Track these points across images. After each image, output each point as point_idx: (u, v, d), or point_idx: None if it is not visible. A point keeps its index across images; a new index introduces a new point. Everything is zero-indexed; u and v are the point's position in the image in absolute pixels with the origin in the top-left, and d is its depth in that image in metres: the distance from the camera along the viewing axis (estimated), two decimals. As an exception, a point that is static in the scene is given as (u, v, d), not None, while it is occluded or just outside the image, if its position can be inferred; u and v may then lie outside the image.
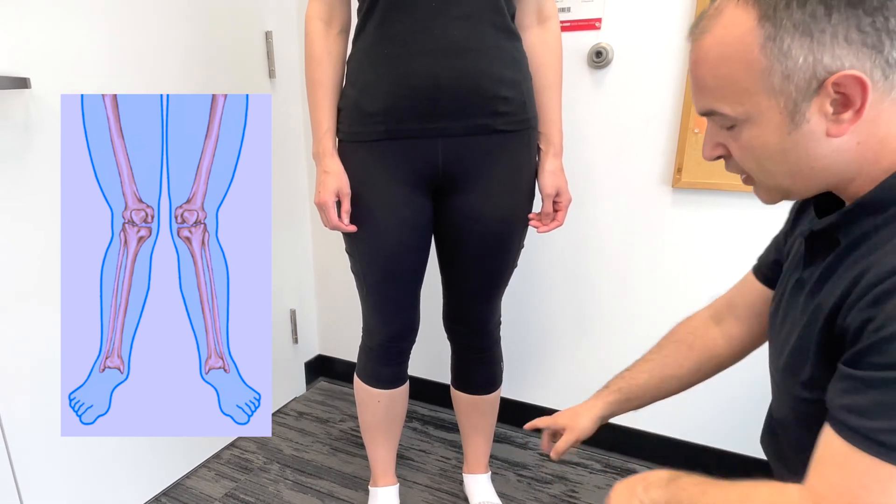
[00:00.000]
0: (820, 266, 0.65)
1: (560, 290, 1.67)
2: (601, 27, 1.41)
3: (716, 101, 0.62)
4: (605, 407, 0.95)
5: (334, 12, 1.13)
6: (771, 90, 0.57)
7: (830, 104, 0.56)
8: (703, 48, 0.61)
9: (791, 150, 0.59)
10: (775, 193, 0.66)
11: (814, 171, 0.60)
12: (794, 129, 0.58)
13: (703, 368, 0.93)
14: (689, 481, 0.66)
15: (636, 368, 0.96)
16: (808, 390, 0.64)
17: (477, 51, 1.05)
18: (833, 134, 0.57)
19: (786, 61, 0.55)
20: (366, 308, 1.30)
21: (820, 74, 0.55)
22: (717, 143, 0.66)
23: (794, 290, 0.71)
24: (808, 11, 0.53)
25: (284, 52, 1.76)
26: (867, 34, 0.53)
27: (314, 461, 1.71)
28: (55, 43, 1.15)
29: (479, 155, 1.12)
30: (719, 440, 1.58)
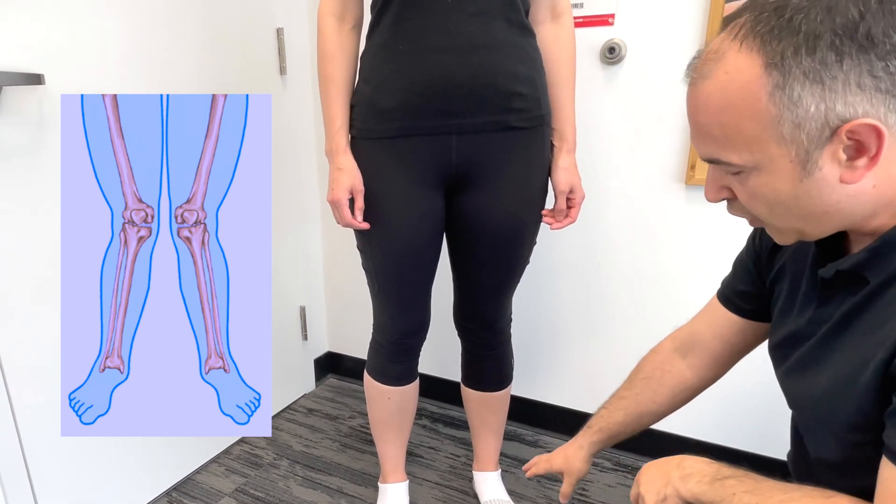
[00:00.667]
0: (844, 304, 0.63)
1: (571, 287, 1.67)
2: (614, 23, 1.40)
3: (721, 149, 0.59)
4: (592, 447, 0.99)
5: (347, 8, 1.13)
6: (781, 139, 0.55)
7: (844, 151, 0.54)
8: (704, 94, 0.58)
9: (803, 197, 0.57)
10: (791, 234, 0.64)
11: (828, 215, 0.58)
12: (805, 177, 0.56)
13: (675, 400, 0.95)
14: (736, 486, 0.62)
15: (612, 406, 0.98)
16: (861, 433, 0.61)
17: (492, 47, 1.05)
18: (847, 181, 0.55)
19: (796, 110, 0.53)
20: (377, 305, 1.29)
21: (833, 122, 0.52)
22: (722, 186, 0.64)
23: (808, 329, 0.69)
24: (818, 58, 0.51)
25: (296, 49, 1.76)
26: (880, 79, 0.51)
27: (324, 457, 1.71)
28: (69, 40, 1.15)
29: (493, 151, 1.11)
30: (732, 440, 1.57)
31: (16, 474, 1.17)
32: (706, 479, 0.65)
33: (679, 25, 1.35)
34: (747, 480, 0.62)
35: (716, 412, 1.55)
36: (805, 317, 0.70)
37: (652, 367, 0.97)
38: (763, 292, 0.83)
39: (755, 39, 0.53)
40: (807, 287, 0.70)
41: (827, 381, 0.64)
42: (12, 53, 1.07)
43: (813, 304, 0.68)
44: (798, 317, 0.71)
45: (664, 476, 0.69)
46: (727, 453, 1.56)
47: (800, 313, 0.71)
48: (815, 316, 0.68)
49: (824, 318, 0.66)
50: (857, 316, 0.61)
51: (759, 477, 0.62)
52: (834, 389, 0.63)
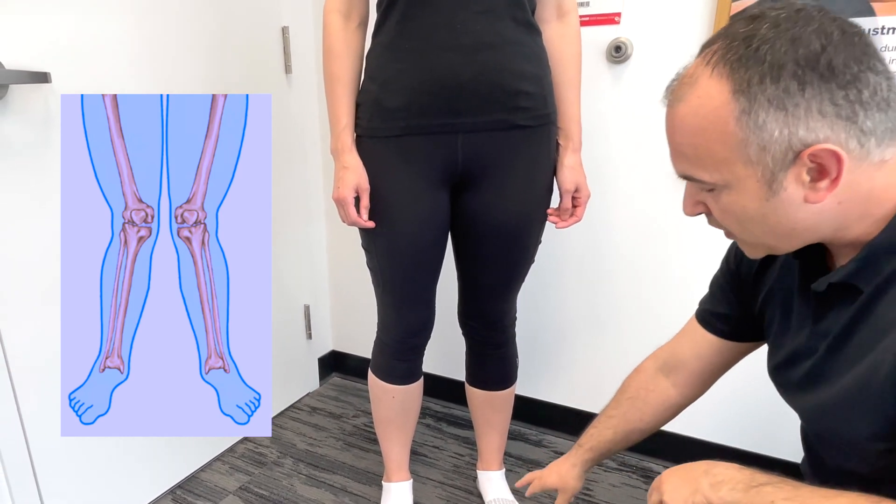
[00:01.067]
0: (841, 315, 0.64)
1: (577, 286, 1.66)
2: (620, 21, 1.40)
3: (693, 168, 0.62)
4: (585, 465, 1.01)
5: (353, 6, 1.13)
6: (748, 160, 0.58)
7: (807, 173, 0.56)
8: (679, 116, 0.61)
9: (771, 215, 0.60)
10: (760, 249, 0.67)
11: (796, 232, 0.61)
12: (772, 196, 0.59)
13: (661, 418, 0.98)
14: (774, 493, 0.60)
15: (601, 425, 1.01)
16: (885, 441, 0.61)
17: (498, 46, 1.04)
18: (811, 200, 0.58)
19: (761, 134, 0.56)
20: (381, 303, 1.29)
21: (795, 146, 0.55)
22: (697, 201, 0.67)
23: (808, 346, 0.70)
24: (781, 87, 0.54)
25: (301, 48, 1.76)
26: (840, 106, 0.54)
27: (328, 456, 1.71)
28: (75, 38, 1.16)
29: (499, 150, 1.11)
30: (738, 440, 1.56)
31: (22, 472, 1.18)
32: (740, 486, 0.62)
33: (686, 24, 1.34)
34: (785, 487, 0.60)
35: (720, 412, 1.55)
36: (803, 334, 0.71)
37: (637, 386, 0.99)
38: (743, 314, 0.85)
39: (725, 66, 0.57)
40: (800, 305, 0.72)
41: (838, 394, 0.64)
42: (19, 52, 1.07)
43: (809, 320, 0.70)
44: (796, 335, 0.73)
45: (691, 483, 0.66)
46: (731, 453, 1.56)
47: (797, 332, 0.72)
48: (813, 332, 0.69)
49: (824, 333, 0.67)
50: (856, 325, 0.62)
51: (797, 483, 0.61)
52: (846, 401, 0.63)
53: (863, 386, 0.60)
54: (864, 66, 0.54)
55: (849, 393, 0.63)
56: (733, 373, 0.96)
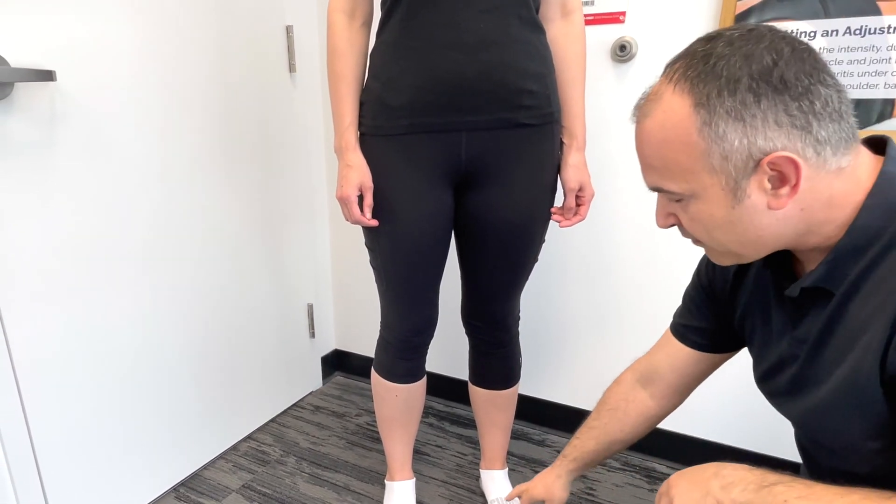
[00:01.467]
0: (817, 319, 0.66)
1: (580, 285, 1.66)
2: (625, 20, 1.39)
3: (662, 179, 0.65)
4: (570, 475, 1.04)
5: (357, 4, 1.13)
6: (711, 169, 0.61)
7: (768, 181, 0.59)
8: (646, 131, 0.65)
9: (737, 223, 0.63)
10: (728, 257, 0.69)
11: (762, 239, 0.64)
12: (736, 204, 0.61)
13: (640, 429, 1.00)
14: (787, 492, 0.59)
15: (584, 436, 1.03)
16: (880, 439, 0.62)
17: (503, 44, 1.04)
18: (774, 207, 0.60)
19: (722, 143, 0.59)
20: (385, 302, 1.29)
21: (755, 155, 0.58)
22: (668, 213, 0.70)
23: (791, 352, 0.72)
24: (738, 99, 0.57)
25: (305, 47, 1.76)
26: (795, 117, 0.57)
27: (330, 454, 1.71)
28: (80, 37, 1.16)
29: (503, 148, 1.11)
30: (740, 440, 1.56)
31: (26, 469, 1.18)
32: (751, 486, 0.62)
33: (690, 23, 1.34)
34: (797, 485, 0.59)
35: (724, 412, 1.55)
36: (784, 341, 0.73)
37: (617, 398, 1.02)
38: (719, 327, 0.88)
39: (686, 82, 0.60)
40: (777, 314, 0.74)
41: (825, 397, 0.66)
42: (25, 50, 1.07)
43: (788, 327, 0.72)
44: (778, 344, 0.74)
45: (701, 486, 0.65)
46: (735, 453, 1.56)
47: (779, 340, 0.74)
48: (793, 338, 0.71)
49: (803, 338, 0.69)
50: (833, 328, 0.64)
51: (808, 481, 0.60)
52: (834, 403, 0.65)
53: (848, 386, 0.62)
54: (814, 79, 0.57)
55: (836, 395, 0.64)
56: (737, 373, 0.95)
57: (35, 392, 1.18)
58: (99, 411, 1.31)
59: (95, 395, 1.30)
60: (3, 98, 1.06)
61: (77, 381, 1.25)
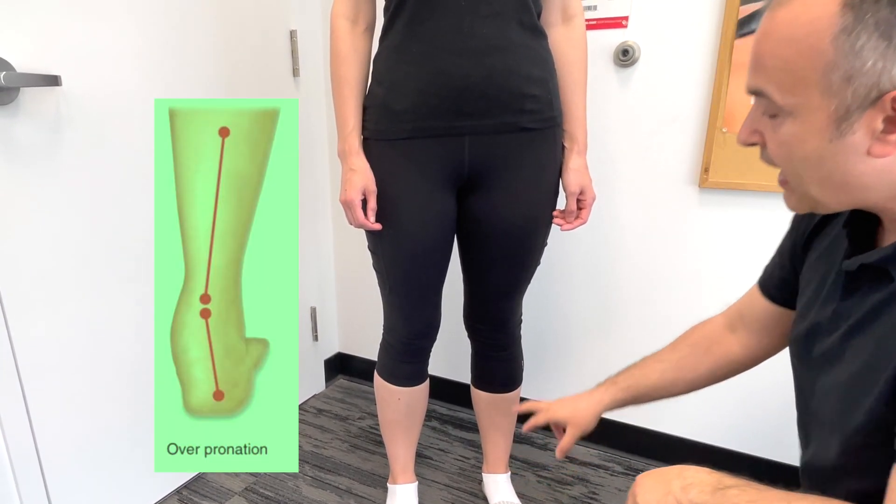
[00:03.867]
0: (865, 301, 0.61)
1: (582, 289, 1.66)
2: (628, 25, 1.40)
3: (767, 82, 0.57)
4: (612, 403, 0.96)
5: (360, 10, 1.14)
6: (827, 89, 0.53)
7: (882, 121, 0.52)
8: (775, 21, 0.56)
9: (828, 159, 0.56)
10: (804, 201, 0.63)
11: (847, 186, 0.57)
12: (836, 138, 0.54)
13: (717, 373, 0.93)
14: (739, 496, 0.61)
15: (648, 368, 0.96)
16: (865, 436, 0.60)
17: (505, 49, 1.05)
18: (875, 154, 0.53)
19: (853, 60, 0.51)
20: (387, 305, 1.30)
21: (883, 85, 0.51)
22: (755, 129, 0.62)
23: (831, 323, 0.67)
24: (894, 12, 0.49)
25: (309, 51, 1.77)
26: None
27: (333, 458, 1.71)
28: (85, 42, 1.17)
29: (505, 152, 1.11)
30: (745, 444, 1.56)
31: (30, 472, 1.19)
32: (708, 489, 0.63)
33: (693, 28, 1.34)
34: (750, 490, 0.61)
35: (730, 416, 1.54)
36: (828, 310, 0.68)
37: (702, 334, 0.95)
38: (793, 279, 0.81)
39: None
40: (833, 279, 0.68)
41: (844, 380, 0.63)
42: (31, 55, 1.08)
43: (837, 296, 0.66)
44: (821, 309, 0.70)
45: (664, 486, 0.67)
46: (738, 458, 1.55)
47: (823, 306, 0.70)
48: (837, 309, 0.66)
49: (847, 313, 0.64)
50: (879, 314, 0.59)
51: (763, 486, 0.61)
52: (848, 390, 0.62)
53: (865, 380, 0.59)
54: None
55: (851, 383, 0.62)
56: (742, 380, 0.95)
57: (39, 395, 1.18)
58: (102, 414, 1.32)
59: (99, 397, 1.30)
60: (10, 102, 1.07)
61: (81, 383, 1.26)
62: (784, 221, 1.35)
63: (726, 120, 1.33)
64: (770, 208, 1.35)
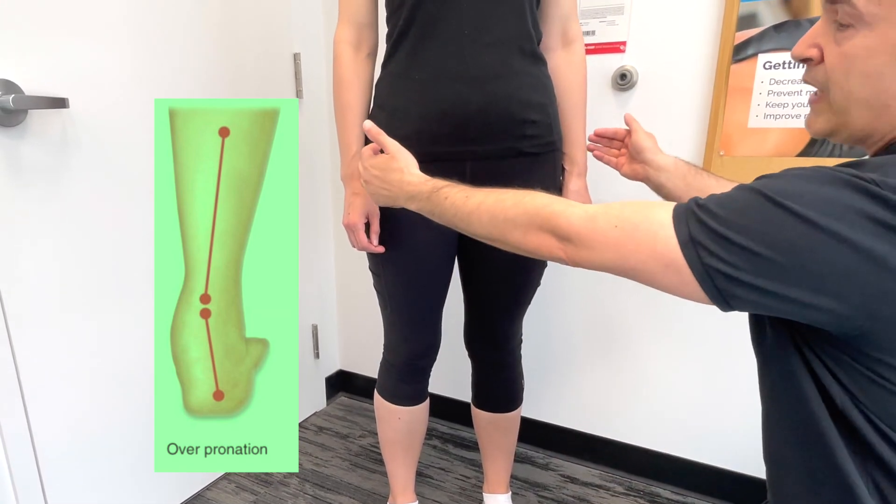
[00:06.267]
0: None
1: (582, 309, 1.67)
2: (626, 50, 1.42)
3: None
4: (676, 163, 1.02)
5: (363, 36, 1.16)
6: None
7: None
8: None
9: (887, 77, 0.57)
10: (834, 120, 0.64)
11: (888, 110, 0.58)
12: None
13: None
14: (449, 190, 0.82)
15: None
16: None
17: (506, 76, 1.07)
18: None
19: None
20: (388, 325, 1.31)
21: None
22: (815, 43, 0.63)
23: None
24: None
25: (312, 74, 1.80)
26: None
27: (333, 476, 1.71)
28: (91, 64, 1.19)
29: (506, 176, 1.12)
30: (743, 465, 1.55)
31: (31, 489, 1.19)
32: (424, 195, 0.84)
33: (689, 54, 1.37)
34: (461, 187, 0.82)
35: (728, 438, 1.54)
36: None
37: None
38: None
39: None
40: None
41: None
42: (39, 78, 1.10)
43: None
44: None
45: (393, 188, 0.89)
46: (738, 479, 1.55)
47: None
48: None
49: None
50: None
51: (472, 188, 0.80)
52: None
53: None
54: None
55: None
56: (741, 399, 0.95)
57: (40, 410, 1.19)
58: (103, 431, 1.32)
59: (100, 413, 1.31)
60: (18, 124, 1.09)
61: (82, 399, 1.27)
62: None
63: (724, 143, 1.35)
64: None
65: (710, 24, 1.33)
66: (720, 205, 0.58)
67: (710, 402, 1.55)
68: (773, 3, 1.25)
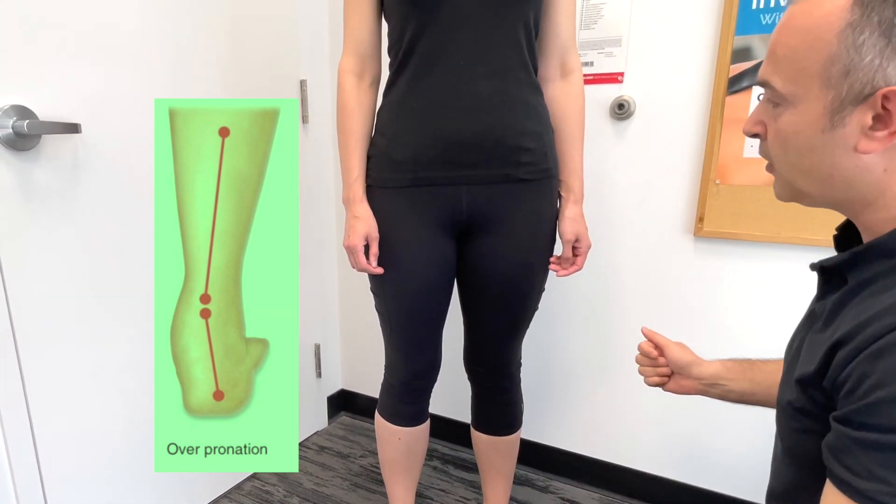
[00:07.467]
0: (829, 301, 0.65)
1: (581, 334, 1.69)
2: (623, 81, 1.46)
3: (774, 72, 0.62)
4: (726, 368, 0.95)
5: (366, 66, 1.20)
6: (826, 81, 0.57)
7: (872, 118, 0.56)
8: (791, 14, 0.61)
9: (818, 149, 0.60)
10: (789, 189, 0.67)
11: (832, 180, 0.61)
12: (828, 129, 0.58)
13: None
14: None
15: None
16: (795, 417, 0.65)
17: (502, 106, 1.10)
18: (861, 149, 0.57)
19: (853, 55, 0.55)
20: (389, 346, 1.33)
21: (877, 82, 0.54)
22: (759, 119, 0.66)
23: (806, 321, 0.72)
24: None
25: (317, 99, 1.85)
26: None
27: (334, 496, 1.72)
28: (103, 90, 1.23)
29: (502, 201, 1.15)
30: (742, 490, 1.55)
31: (30, 488, 1.20)
32: None
33: (686, 83, 1.40)
34: None
35: (729, 462, 1.54)
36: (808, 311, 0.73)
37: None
38: None
39: None
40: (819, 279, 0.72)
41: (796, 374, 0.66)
42: (52, 104, 1.14)
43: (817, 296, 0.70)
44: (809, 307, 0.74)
45: None
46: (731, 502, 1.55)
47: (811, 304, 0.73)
48: (813, 309, 0.70)
49: (816, 314, 0.68)
50: (835, 315, 0.63)
51: None
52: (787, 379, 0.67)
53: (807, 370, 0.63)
54: None
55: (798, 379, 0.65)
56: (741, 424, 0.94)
57: (46, 430, 1.21)
58: (107, 450, 1.34)
59: (105, 433, 1.33)
60: (32, 148, 1.12)
61: (87, 419, 1.29)
62: (777, 270, 1.38)
63: (719, 172, 1.37)
64: (762, 258, 1.38)
65: (706, 57, 1.36)
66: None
67: (709, 426, 1.56)
68: (766, 38, 1.28)
